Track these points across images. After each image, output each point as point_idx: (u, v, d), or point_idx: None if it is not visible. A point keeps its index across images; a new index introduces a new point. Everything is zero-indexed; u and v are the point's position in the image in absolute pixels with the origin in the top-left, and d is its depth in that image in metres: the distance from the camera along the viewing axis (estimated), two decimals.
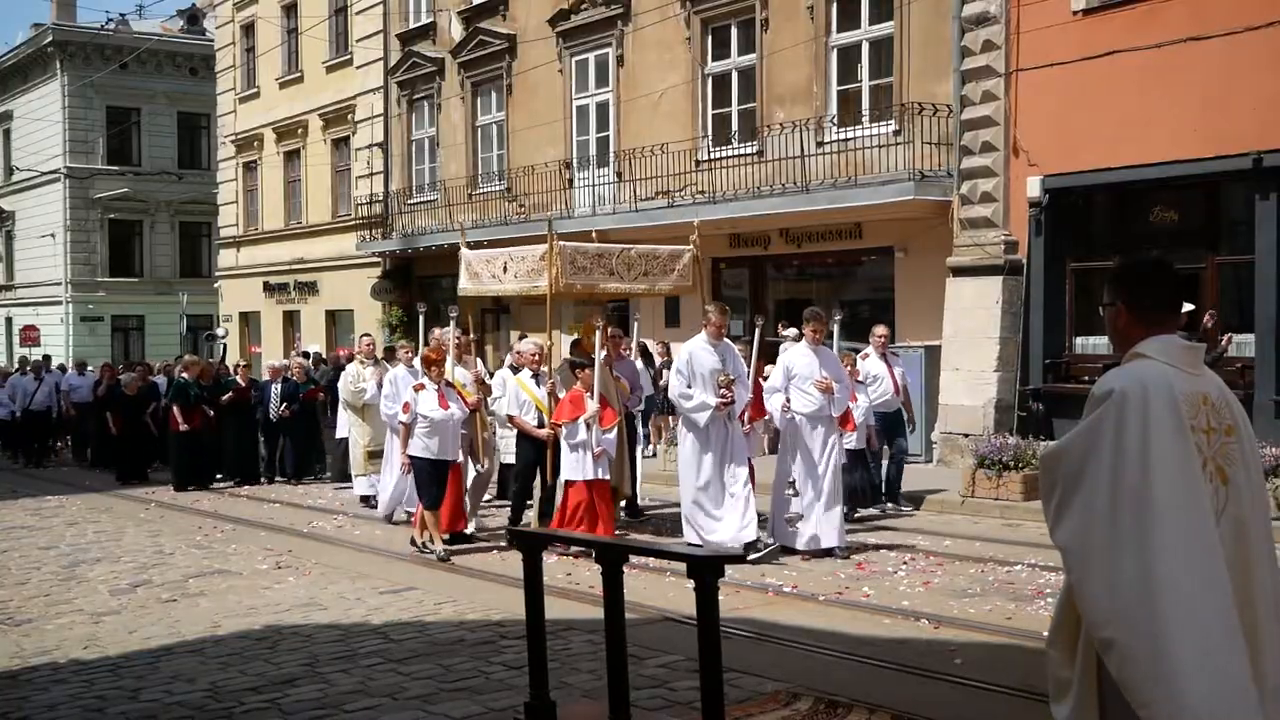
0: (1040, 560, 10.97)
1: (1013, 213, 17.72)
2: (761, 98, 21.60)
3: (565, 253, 12.58)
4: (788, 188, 20.07)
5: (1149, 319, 3.92)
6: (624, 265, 13.05)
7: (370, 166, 31.97)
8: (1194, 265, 16.18)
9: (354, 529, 14.51)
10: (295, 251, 35.22)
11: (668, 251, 13.45)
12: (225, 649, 8.63)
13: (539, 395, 12.68)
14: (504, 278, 13.24)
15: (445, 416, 12.03)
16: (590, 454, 11.69)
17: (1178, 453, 3.64)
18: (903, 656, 7.88)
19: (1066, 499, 3.74)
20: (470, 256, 13.90)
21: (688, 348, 11.73)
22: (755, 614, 9.24)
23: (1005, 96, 17.71)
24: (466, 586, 10.74)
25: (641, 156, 22.84)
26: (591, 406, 11.75)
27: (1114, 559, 3.58)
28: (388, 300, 30.93)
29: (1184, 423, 3.68)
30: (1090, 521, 3.64)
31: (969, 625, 8.75)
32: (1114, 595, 3.56)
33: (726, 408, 11.38)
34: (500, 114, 28.02)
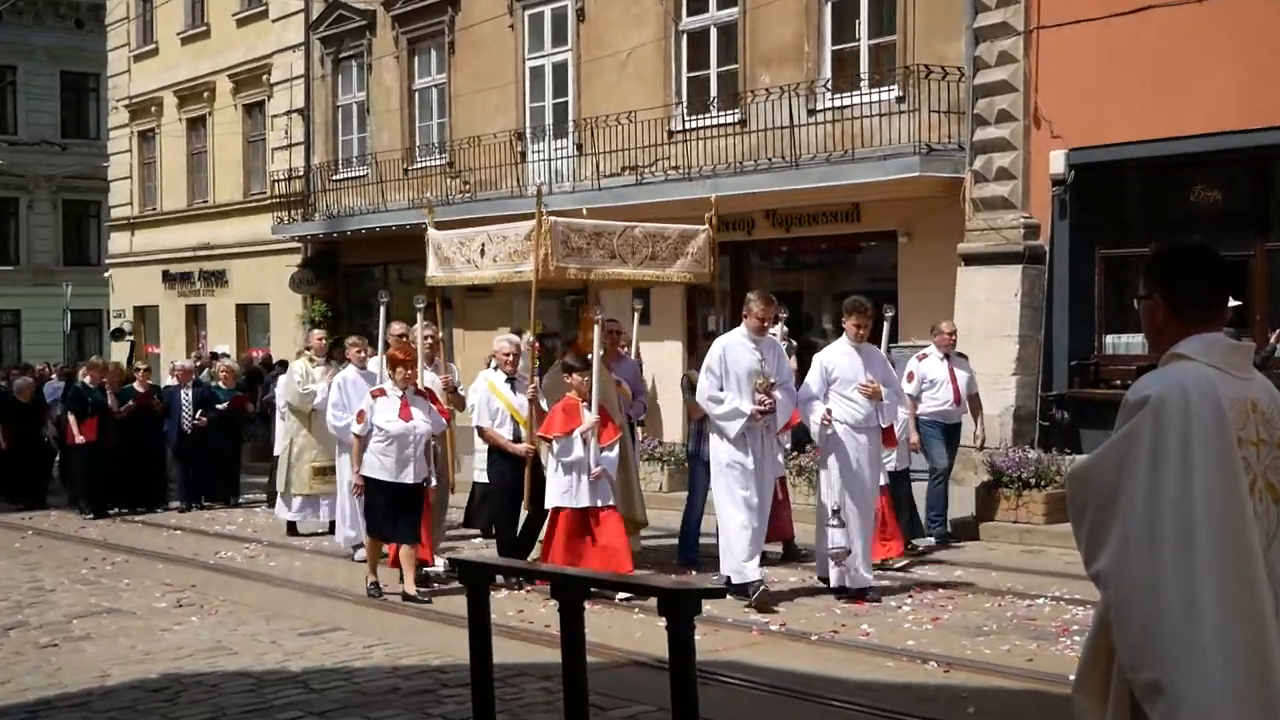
0: (1066, 592, 11.02)
1: (1033, 192, 17.82)
2: (744, 59, 21.63)
3: (556, 230, 12.17)
4: (774, 163, 20.10)
5: (1190, 314, 3.93)
6: (627, 247, 12.64)
7: (289, 137, 31.84)
8: (1241, 252, 16.30)
9: (269, 560, 14.45)
10: (200, 235, 35.03)
11: (678, 232, 13.08)
12: (115, 702, 8.55)
13: (515, 403, 12.21)
14: (481, 262, 12.87)
15: (406, 430, 11.52)
16: (586, 476, 11.20)
17: (1224, 469, 3.65)
18: (907, 704, 7.90)
19: (1099, 524, 3.75)
20: (439, 239, 13.51)
21: (722, 342, 11.29)
22: (737, 656, 9.23)
23: (1024, 58, 17.81)
24: (400, 626, 10.70)
25: (605, 126, 22.84)
26: (589, 418, 11.28)
27: (1155, 594, 3.58)
28: (309, 293, 30.81)
29: (1230, 434, 3.70)
30: (1127, 550, 3.65)
31: (984, 668, 8.78)
32: (1156, 634, 3.57)
33: (764, 417, 11.01)
34: (441, 76, 27.96)
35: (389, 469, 11.51)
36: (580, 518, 11.21)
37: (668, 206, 19.82)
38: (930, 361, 14.05)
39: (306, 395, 15.97)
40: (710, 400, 11.11)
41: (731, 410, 10.98)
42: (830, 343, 12.44)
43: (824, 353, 11.63)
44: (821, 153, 19.63)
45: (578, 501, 11.18)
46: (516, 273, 12.51)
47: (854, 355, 11.28)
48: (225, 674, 9.20)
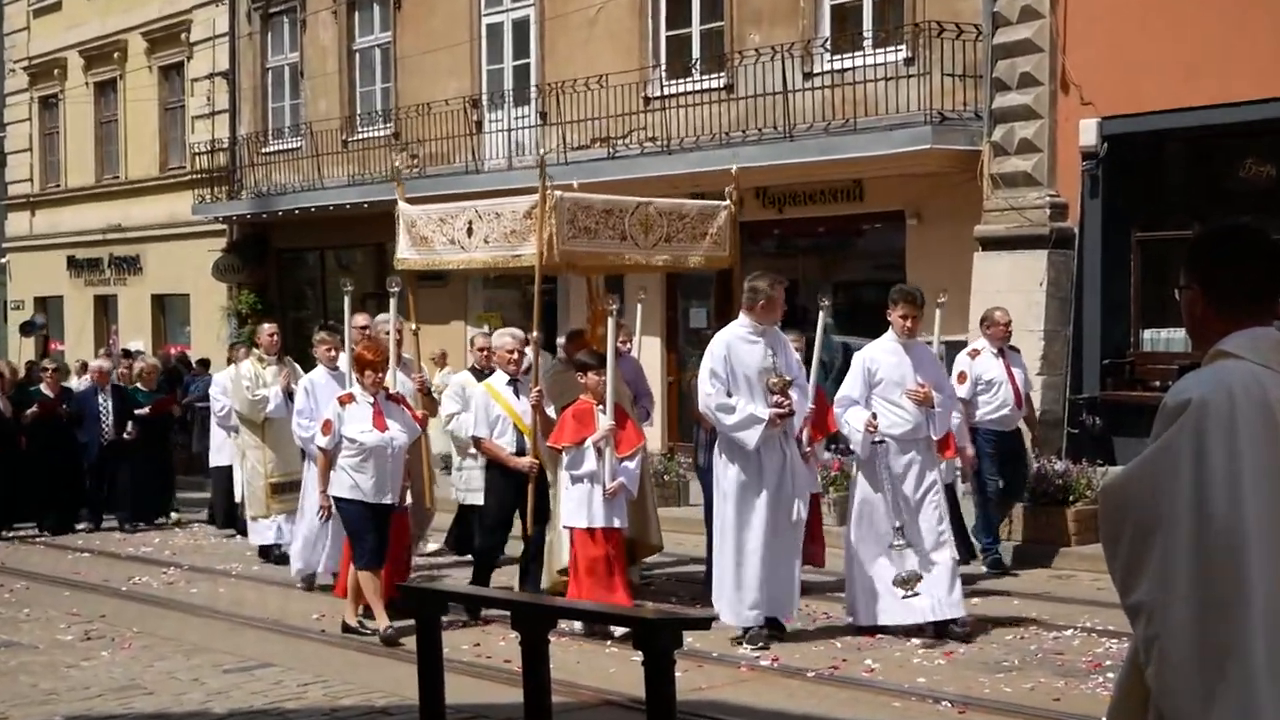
0: (1098, 622, 11.06)
1: (1061, 167, 17.88)
2: (731, 15, 21.66)
3: (563, 207, 11.82)
4: (765, 134, 20.13)
5: (1236, 307, 3.94)
6: (640, 227, 12.29)
7: (211, 104, 31.75)
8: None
9: (190, 586, 14.40)
10: (111, 216, 34.89)
11: (697, 209, 12.86)
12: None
13: (518, 409, 11.82)
14: (469, 243, 12.54)
15: (382, 441, 11.16)
16: (600, 491, 10.85)
17: (1276, 485, 3.67)
18: None
19: (1136, 548, 3.76)
20: (414, 214, 13.27)
21: (723, 338, 10.91)
22: (723, 695, 9.26)
23: (1051, 15, 17.86)
24: (340, 662, 10.69)
25: (573, 92, 22.85)
26: (604, 424, 10.94)
27: (1200, 633, 3.59)
28: (234, 281, 30.74)
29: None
30: (1168, 580, 3.66)
31: (1004, 708, 8.80)
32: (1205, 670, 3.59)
33: (784, 421, 10.61)
34: (385, 35, 27.93)
35: (365, 488, 11.12)
36: (592, 538, 10.90)
37: (644, 184, 19.84)
38: (984, 358, 13.78)
39: (258, 402, 15.46)
40: (720, 410, 10.58)
41: (746, 418, 10.47)
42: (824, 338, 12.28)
43: (866, 351, 11.29)
44: (819, 122, 19.66)
45: (592, 521, 10.86)
46: (514, 256, 12.25)
47: (901, 354, 10.97)
48: (140, 716, 9.19)
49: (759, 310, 10.71)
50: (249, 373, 15.85)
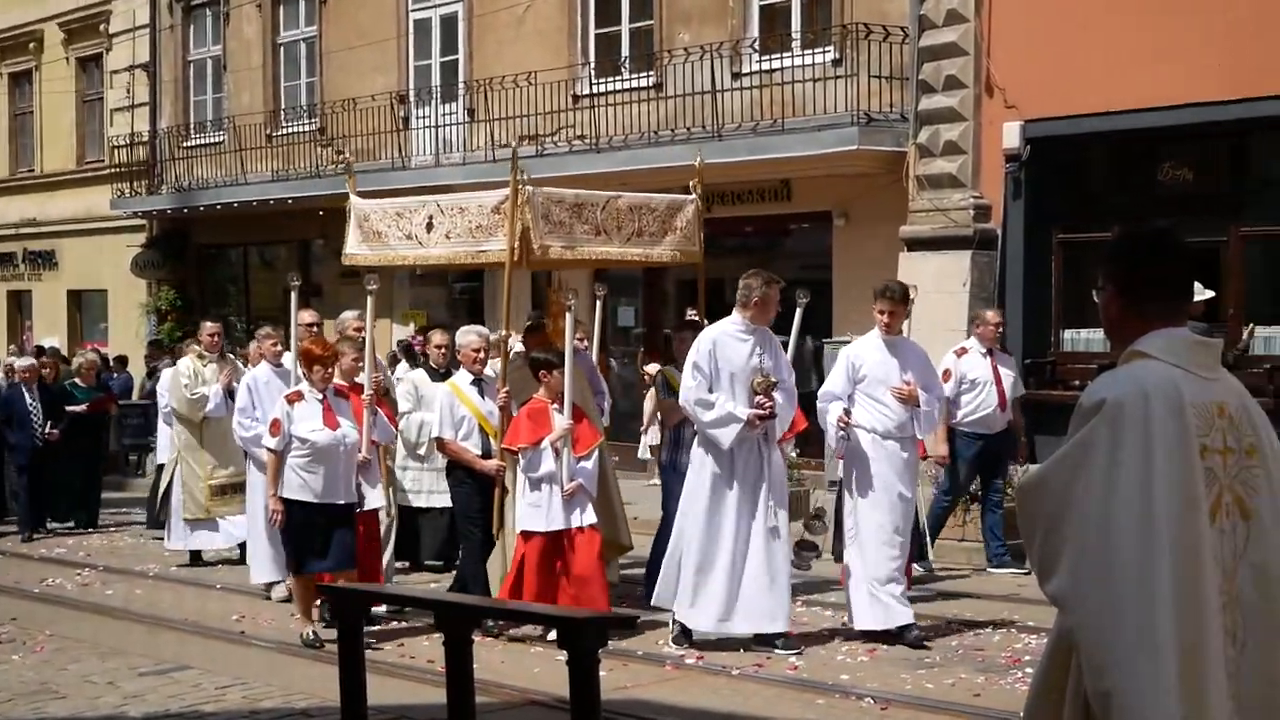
0: (1019, 618, 11.20)
1: (985, 168, 18.02)
2: (661, 14, 21.70)
3: (536, 201, 11.44)
4: (694, 133, 20.17)
5: (1151, 308, 4.02)
6: (612, 221, 11.99)
7: (131, 97, 31.47)
8: (1213, 237, 16.60)
9: (105, 588, 14.26)
10: (25, 210, 34.57)
11: (665, 203, 12.57)
12: None
13: (484, 409, 11.52)
14: (428, 239, 12.11)
15: (334, 439, 10.84)
16: (559, 492, 10.60)
17: (1187, 484, 3.75)
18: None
19: (1052, 542, 3.84)
20: (367, 208, 12.82)
21: (711, 333, 10.71)
22: (648, 694, 9.29)
23: (977, 18, 18.00)
24: (261, 663, 10.65)
25: (501, 89, 22.80)
26: (561, 423, 10.70)
27: (1112, 621, 3.67)
28: (154, 278, 30.48)
29: (1194, 443, 3.79)
30: (1081, 573, 3.74)
31: (925, 704, 8.89)
32: (1113, 664, 3.67)
33: (764, 423, 10.41)
34: (311, 28, 27.80)
35: (315, 488, 10.78)
36: (553, 542, 10.60)
37: (572, 182, 19.78)
38: (971, 358, 13.67)
39: (196, 400, 15.03)
40: (698, 404, 10.41)
41: (724, 415, 10.31)
42: None
43: (851, 347, 11.24)
44: (747, 122, 19.73)
45: (550, 524, 10.57)
46: (479, 252, 11.89)
47: (887, 352, 10.86)
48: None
49: (751, 308, 10.55)
50: (187, 370, 15.41)
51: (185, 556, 15.43)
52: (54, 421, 18.14)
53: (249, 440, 12.65)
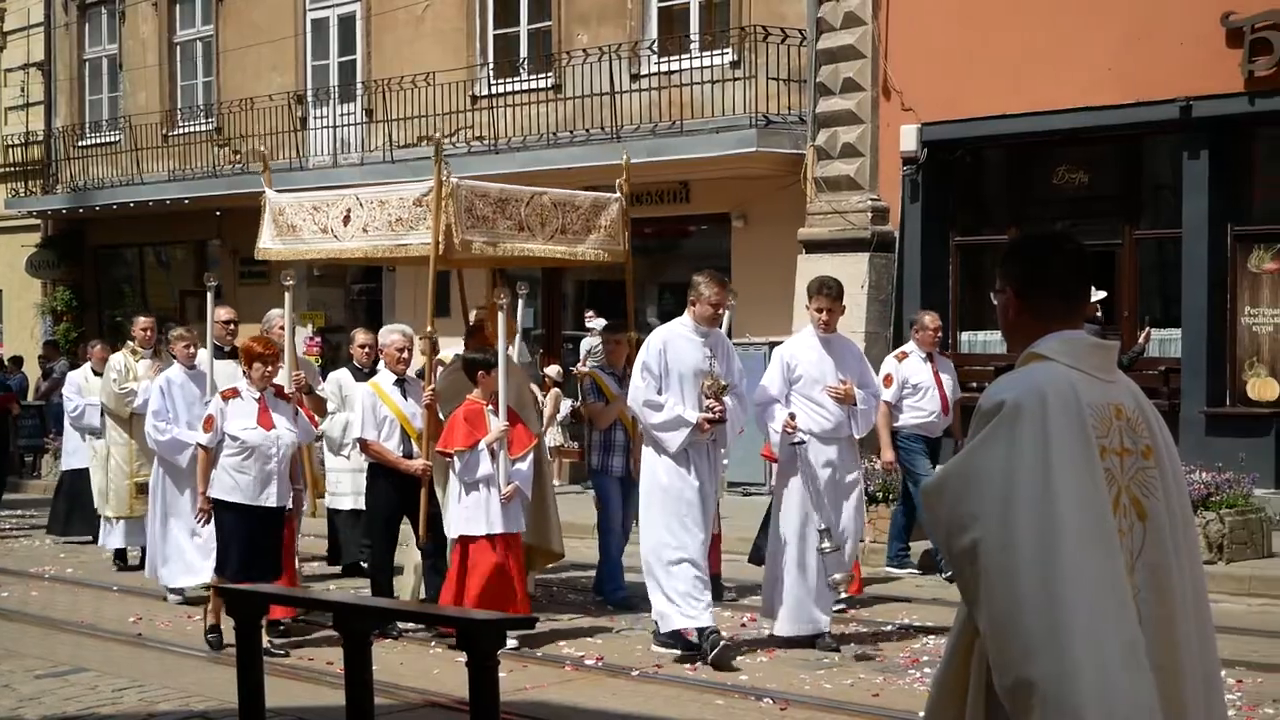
0: (917, 619, 11.24)
1: (883, 171, 18.15)
2: (559, 15, 21.69)
3: (460, 195, 11.10)
4: (592, 134, 20.18)
5: (1048, 310, 4.05)
6: (536, 218, 11.64)
7: (26, 95, 31.14)
8: (1108, 240, 16.84)
9: (0, 590, 14.09)
10: None
11: (590, 200, 12.24)
12: None
13: (407, 410, 11.23)
14: (344, 232, 11.71)
15: (267, 440, 10.34)
16: (497, 495, 10.28)
17: (1086, 486, 3.77)
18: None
19: (956, 543, 3.85)
20: (282, 202, 12.40)
21: (661, 334, 10.41)
22: (548, 695, 9.26)
23: (874, 20, 18.12)
24: (158, 666, 10.52)
25: (400, 89, 22.72)
26: (497, 425, 10.36)
27: (1016, 628, 3.68)
28: (50, 278, 30.16)
29: (1093, 444, 3.82)
30: (987, 564, 3.75)
31: (824, 705, 8.89)
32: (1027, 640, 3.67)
33: (713, 427, 10.09)
34: (207, 28, 27.56)
35: (246, 489, 10.29)
36: (492, 546, 10.27)
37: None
38: (911, 362, 13.41)
39: (124, 395, 14.49)
40: (646, 406, 10.09)
41: (673, 419, 9.97)
42: None
43: (785, 346, 10.78)
44: (646, 124, 19.75)
45: (491, 527, 10.24)
46: (399, 246, 11.51)
47: (822, 350, 10.42)
48: None
49: (700, 309, 10.24)
50: (119, 364, 14.83)
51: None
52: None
53: (164, 445, 12.23)
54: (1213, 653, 4.06)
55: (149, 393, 14.03)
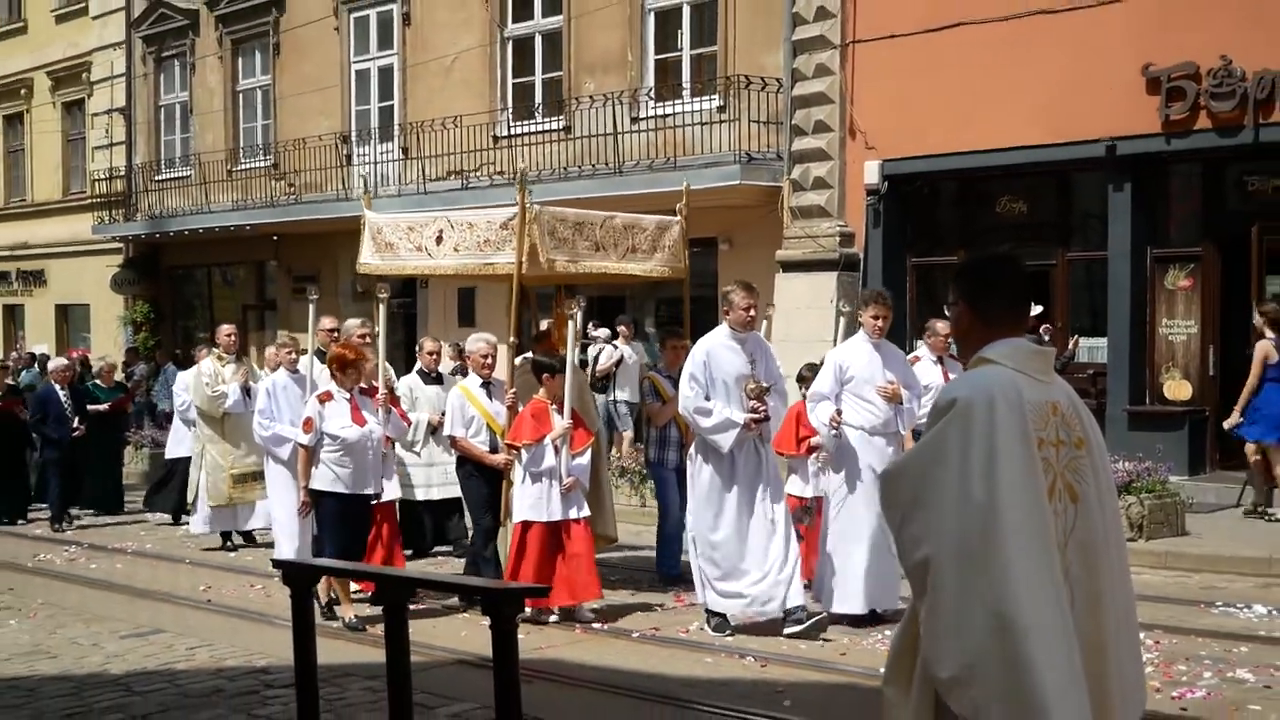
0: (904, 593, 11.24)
1: (849, 201, 18.16)
2: (569, 66, 21.67)
3: (543, 220, 10.82)
4: (598, 169, 20.18)
5: (995, 320, 4.07)
6: (609, 238, 11.36)
7: (110, 136, 31.08)
8: (1044, 261, 16.84)
9: (90, 563, 14.08)
10: (17, 235, 34.02)
11: (654, 223, 11.92)
12: None
13: (492, 410, 10.88)
14: (438, 251, 11.38)
15: (362, 435, 10.12)
16: (558, 487, 10.10)
17: (1027, 472, 3.78)
18: (726, 699, 7.97)
19: (910, 524, 3.85)
20: (380, 223, 11.99)
21: (704, 345, 9.97)
22: (560, 654, 9.26)
23: (841, 71, 18.13)
24: (225, 628, 10.52)
25: (431, 130, 22.72)
26: (560, 423, 10.18)
27: (964, 595, 3.69)
28: (131, 294, 30.17)
29: (1032, 437, 3.83)
30: (938, 549, 3.76)
31: (799, 663, 8.90)
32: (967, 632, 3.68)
33: (759, 426, 9.71)
34: (266, 78, 27.54)
35: (345, 480, 10.07)
36: (552, 531, 10.12)
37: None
38: (923, 365, 12.64)
39: (216, 398, 14.44)
40: (697, 412, 9.69)
41: (722, 421, 9.58)
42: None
43: (838, 349, 10.40)
44: (644, 160, 19.75)
45: (550, 515, 10.08)
46: (486, 264, 11.11)
47: (872, 353, 10.04)
48: (44, 678, 8.97)
49: (730, 316, 9.89)
50: (209, 370, 14.80)
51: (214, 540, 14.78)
52: (80, 418, 17.21)
53: (268, 440, 11.97)
54: (1135, 624, 4.08)
55: (236, 394, 14.11)
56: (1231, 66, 14.95)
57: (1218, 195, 16.13)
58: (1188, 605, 10.42)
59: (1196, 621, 9.75)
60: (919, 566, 3.81)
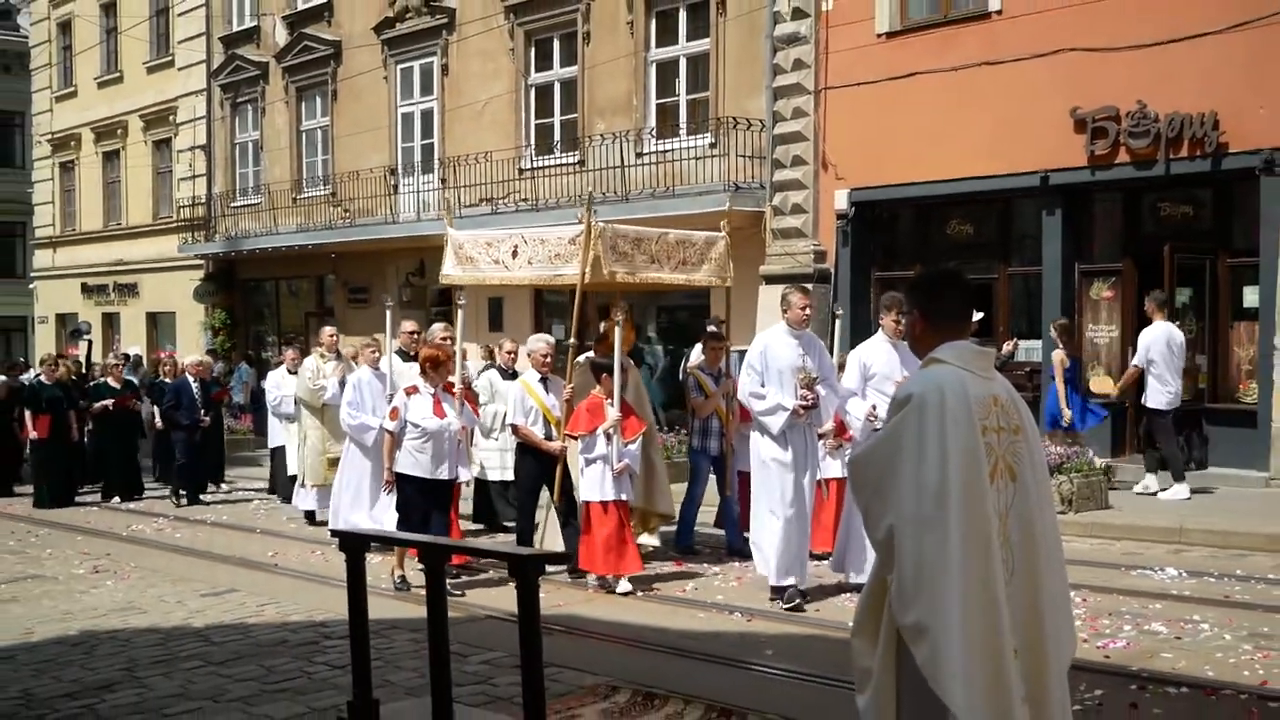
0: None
1: (821, 224, 18.14)
2: (583, 109, 21.66)
3: (607, 235, 10.55)
4: (608, 196, 20.16)
5: (944, 326, 4.08)
6: (664, 252, 11.08)
7: (193, 169, 31.11)
8: (987, 275, 16.82)
9: (175, 532, 14.11)
10: (115, 253, 34.05)
11: (703, 238, 11.63)
12: (39, 655, 8.29)
13: (548, 402, 10.64)
14: (513, 264, 11.07)
15: (441, 425, 9.89)
16: (610, 470, 9.89)
17: (972, 454, 3.80)
18: (717, 648, 7.99)
19: (878, 500, 3.87)
20: (461, 238, 11.65)
21: (763, 338, 9.83)
22: (576, 610, 9.25)
23: (814, 113, 18.12)
24: (290, 588, 10.53)
25: (465, 164, 22.70)
26: (611, 414, 9.94)
27: (919, 553, 3.72)
28: (210, 303, 30.17)
29: (977, 424, 3.83)
30: (901, 522, 3.78)
31: (779, 618, 8.91)
32: (920, 587, 3.70)
33: (808, 412, 9.46)
34: (325, 119, 27.54)
35: (424, 465, 9.88)
36: (605, 509, 9.91)
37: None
38: None
39: (317, 390, 14.17)
40: (751, 396, 9.51)
41: (773, 405, 9.37)
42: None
43: (861, 348, 9.89)
44: (647, 189, 19.73)
45: (604, 495, 9.88)
46: (556, 276, 10.87)
47: (891, 351, 9.53)
48: (136, 630, 8.99)
49: (788, 314, 9.60)
50: (311, 366, 14.46)
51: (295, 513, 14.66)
52: (206, 409, 16.86)
53: (354, 428, 11.64)
54: (1065, 583, 4.09)
55: (335, 387, 13.79)
56: (1146, 110, 14.95)
57: (1135, 219, 16.09)
58: (1110, 568, 10.41)
59: (1118, 582, 9.74)
60: (884, 538, 3.82)
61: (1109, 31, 15.28)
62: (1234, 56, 14.38)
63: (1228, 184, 15.02)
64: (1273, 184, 14.22)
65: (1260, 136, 14.24)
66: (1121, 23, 15.19)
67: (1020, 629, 3.81)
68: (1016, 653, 3.76)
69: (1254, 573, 10.22)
